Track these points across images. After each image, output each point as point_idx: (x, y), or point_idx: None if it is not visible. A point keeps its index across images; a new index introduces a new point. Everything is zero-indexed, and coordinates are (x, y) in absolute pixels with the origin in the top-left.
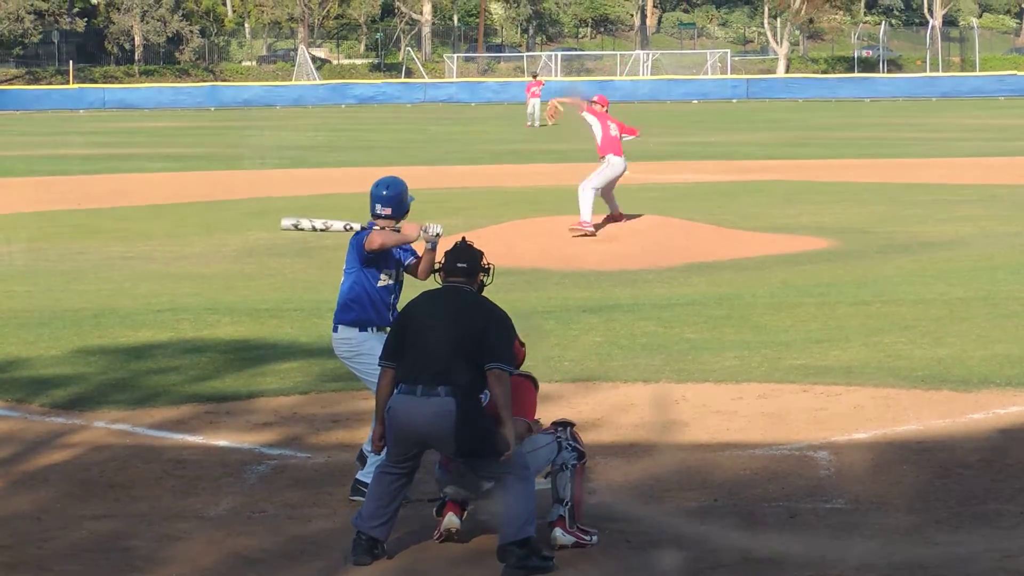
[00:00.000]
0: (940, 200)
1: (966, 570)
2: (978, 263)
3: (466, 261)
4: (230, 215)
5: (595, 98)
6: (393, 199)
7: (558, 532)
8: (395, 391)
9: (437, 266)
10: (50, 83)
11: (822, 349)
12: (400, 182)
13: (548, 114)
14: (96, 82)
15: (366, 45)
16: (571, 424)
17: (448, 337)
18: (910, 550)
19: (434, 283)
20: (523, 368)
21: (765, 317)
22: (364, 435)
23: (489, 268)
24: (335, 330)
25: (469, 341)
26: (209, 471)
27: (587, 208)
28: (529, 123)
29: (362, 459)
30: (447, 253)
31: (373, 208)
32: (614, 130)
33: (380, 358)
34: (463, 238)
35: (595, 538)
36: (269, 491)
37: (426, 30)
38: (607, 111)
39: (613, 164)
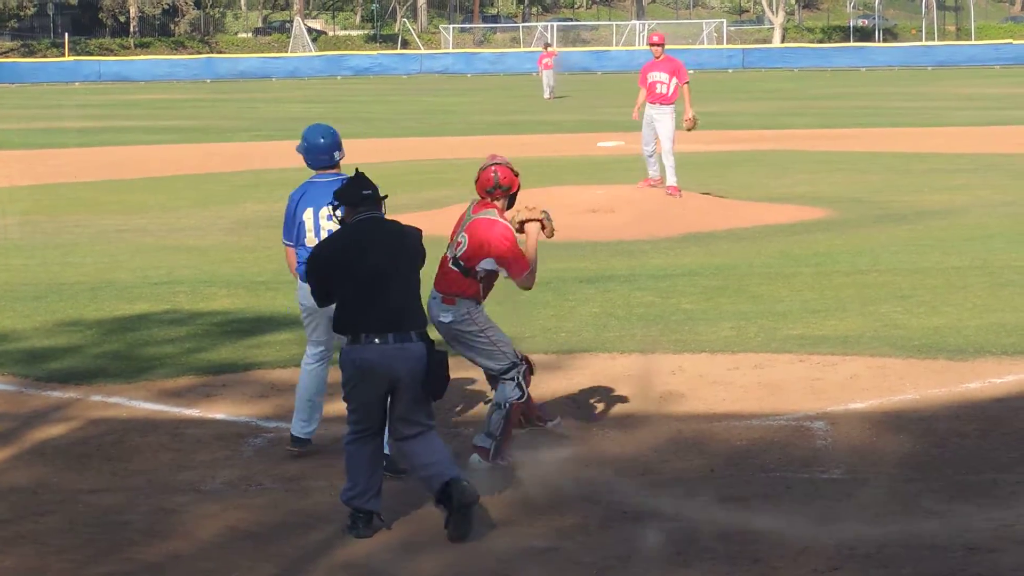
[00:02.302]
0: (936, 169)
1: (962, 540)
2: (974, 232)
3: (370, 187)
4: (226, 187)
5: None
6: (338, 140)
7: (476, 459)
8: (356, 340)
9: (334, 204)
10: (45, 56)
11: (818, 319)
12: (320, 127)
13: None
14: (92, 55)
15: (362, 16)
16: (529, 363)
17: (401, 277)
18: (906, 519)
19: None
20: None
21: (761, 287)
22: None
23: (386, 195)
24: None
25: (412, 270)
26: (206, 444)
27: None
28: (548, 95)
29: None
30: (347, 186)
31: (329, 158)
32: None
33: (316, 298)
34: (356, 169)
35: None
36: (266, 464)
37: (422, 1)
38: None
39: None
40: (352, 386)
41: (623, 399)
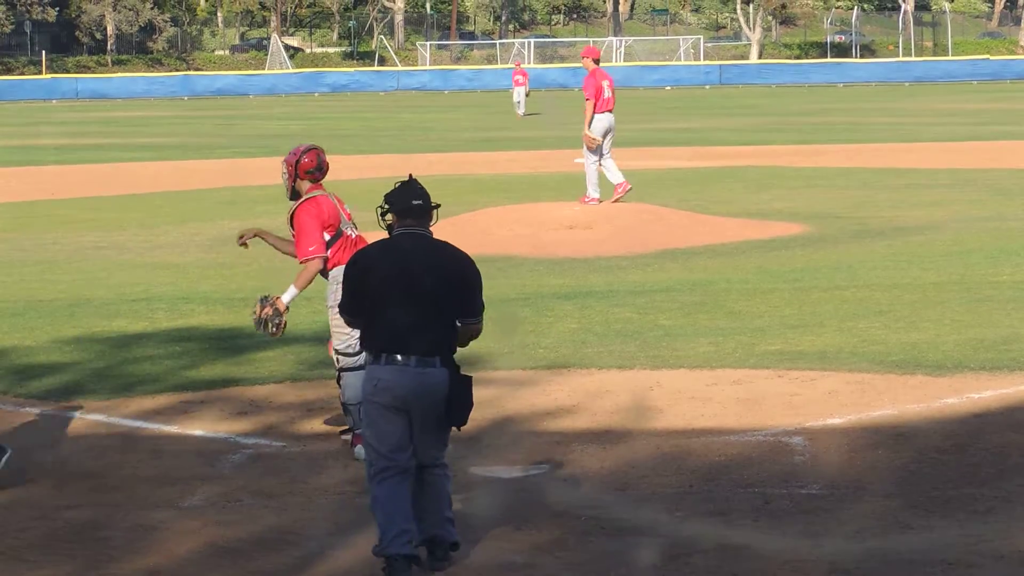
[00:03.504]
0: (913, 185)
1: (941, 555)
2: (952, 247)
3: (422, 196)
4: (204, 204)
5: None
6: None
7: (360, 449)
8: (377, 359)
9: (383, 209)
10: (23, 73)
11: (797, 334)
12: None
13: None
14: (69, 72)
15: (339, 33)
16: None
17: (428, 300)
18: (885, 535)
19: None
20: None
21: (739, 303)
22: (337, 422)
23: (439, 205)
24: None
25: (447, 299)
26: (185, 461)
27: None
28: (521, 112)
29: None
30: (399, 191)
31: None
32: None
33: (344, 312)
34: (410, 175)
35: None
36: (245, 480)
37: (399, 18)
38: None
39: None
40: (367, 409)
41: (601, 415)
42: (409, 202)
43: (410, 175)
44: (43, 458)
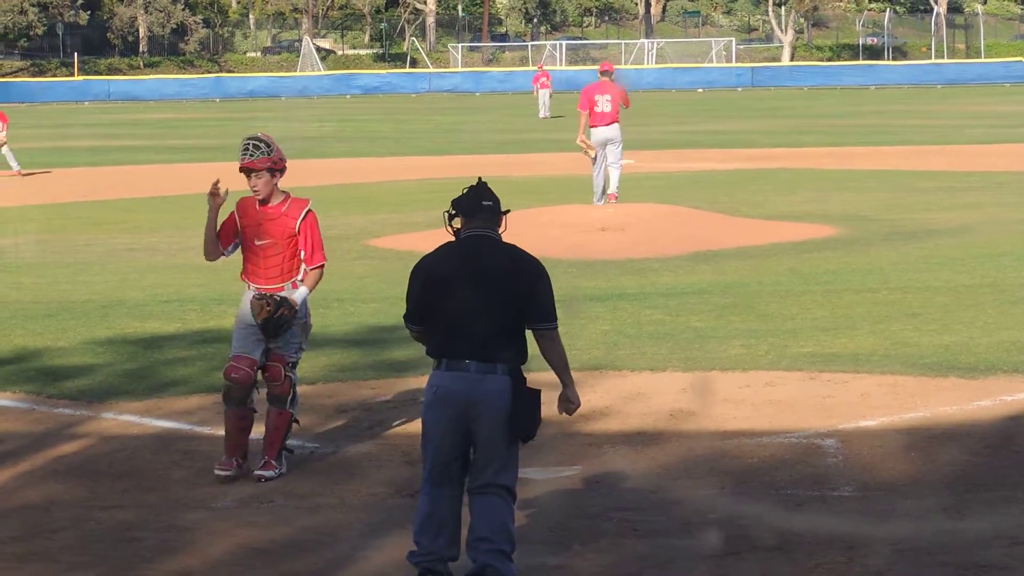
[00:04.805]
0: (945, 187)
1: (974, 557)
2: (984, 250)
3: (491, 198)
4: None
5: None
6: None
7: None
8: (438, 365)
9: (450, 213)
10: (55, 75)
11: (829, 337)
12: None
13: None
14: (101, 74)
15: (371, 35)
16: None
17: (494, 303)
18: (917, 537)
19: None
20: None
21: (771, 305)
22: (368, 424)
23: (508, 210)
24: None
25: (514, 304)
26: (217, 461)
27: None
28: (543, 114)
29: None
30: (467, 194)
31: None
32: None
33: (407, 320)
34: (479, 178)
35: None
36: (277, 481)
37: (430, 20)
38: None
39: None
40: (425, 415)
41: (634, 417)
42: (479, 203)
43: (479, 178)
44: (75, 459)
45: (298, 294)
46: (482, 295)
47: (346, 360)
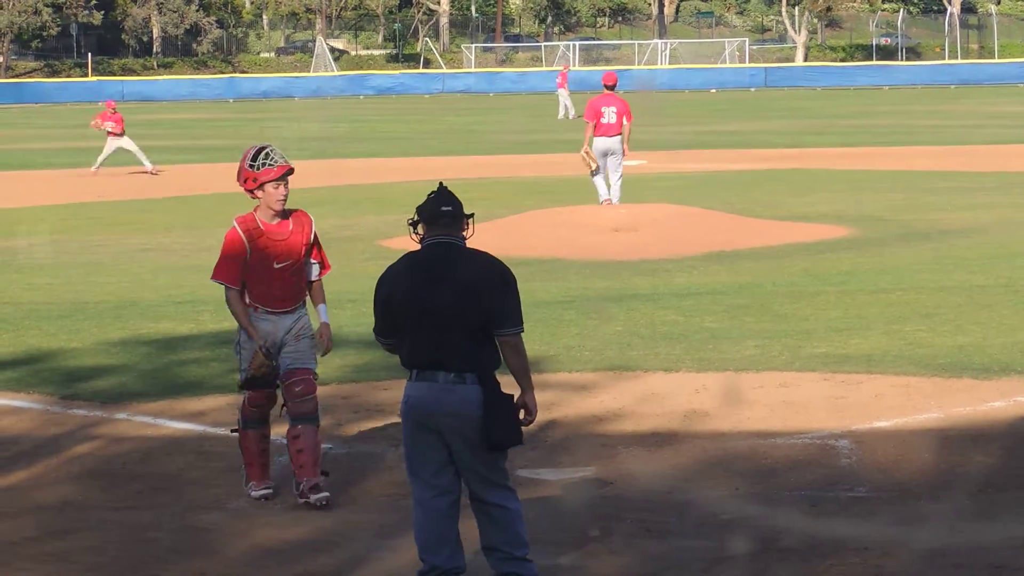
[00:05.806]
0: (959, 188)
1: (987, 558)
2: (998, 250)
3: (451, 203)
4: (249, 206)
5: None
6: None
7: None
8: (409, 376)
9: (412, 219)
10: (69, 76)
11: (842, 337)
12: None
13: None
14: (114, 75)
15: (384, 36)
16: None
17: (457, 311)
18: (930, 538)
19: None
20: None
21: (785, 306)
22: (383, 425)
23: (472, 214)
24: None
25: (478, 311)
26: (231, 462)
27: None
28: (561, 115)
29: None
30: (428, 200)
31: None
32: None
33: (377, 334)
34: (440, 183)
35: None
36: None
37: (444, 20)
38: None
39: None
40: (403, 427)
41: (647, 418)
42: (438, 209)
43: (440, 183)
44: (90, 460)
45: (325, 314)
46: (445, 303)
47: (360, 361)
